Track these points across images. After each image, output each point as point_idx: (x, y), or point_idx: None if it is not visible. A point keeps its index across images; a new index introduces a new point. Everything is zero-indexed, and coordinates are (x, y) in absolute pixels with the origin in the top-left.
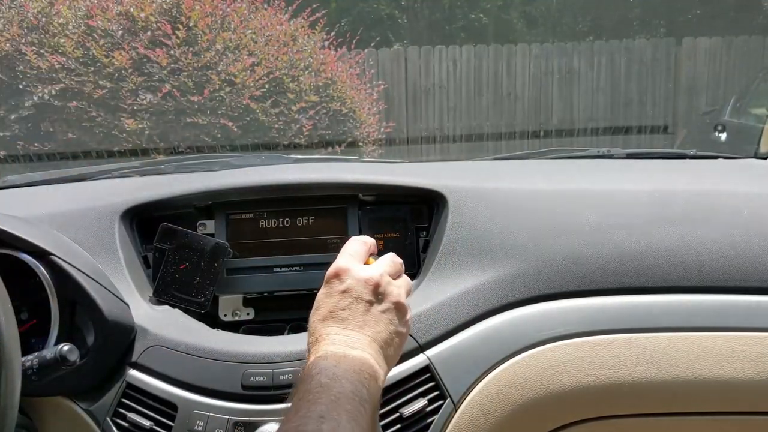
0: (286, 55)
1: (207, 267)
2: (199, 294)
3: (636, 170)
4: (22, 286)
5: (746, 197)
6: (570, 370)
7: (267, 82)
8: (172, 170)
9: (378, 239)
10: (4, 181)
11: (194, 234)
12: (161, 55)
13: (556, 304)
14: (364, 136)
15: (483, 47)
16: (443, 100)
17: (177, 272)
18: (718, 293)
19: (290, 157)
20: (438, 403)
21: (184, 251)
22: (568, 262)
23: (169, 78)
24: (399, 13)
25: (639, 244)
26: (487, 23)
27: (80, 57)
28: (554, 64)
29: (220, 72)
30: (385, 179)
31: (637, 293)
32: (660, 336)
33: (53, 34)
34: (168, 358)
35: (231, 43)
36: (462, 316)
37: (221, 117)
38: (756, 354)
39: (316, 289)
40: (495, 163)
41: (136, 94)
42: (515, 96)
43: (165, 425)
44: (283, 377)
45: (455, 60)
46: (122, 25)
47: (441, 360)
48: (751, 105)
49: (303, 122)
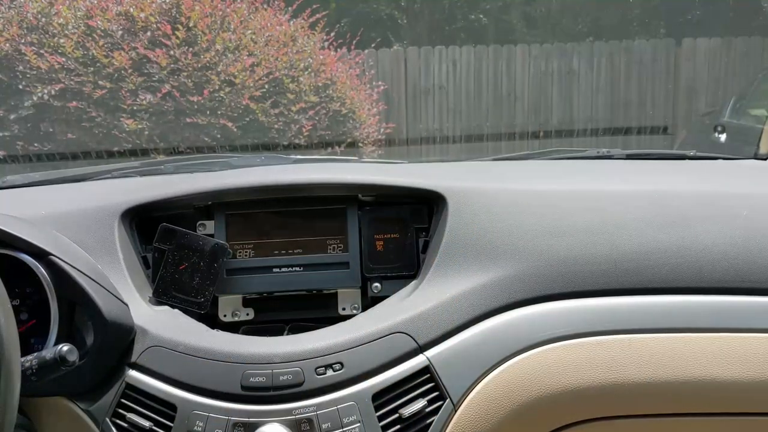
0: (285, 55)
1: (206, 267)
2: (199, 294)
3: (635, 171)
4: (22, 286)
5: (746, 198)
6: (569, 371)
7: (267, 82)
8: (171, 170)
9: (378, 240)
10: (4, 181)
11: (194, 234)
12: (161, 55)
13: (555, 304)
14: (363, 136)
15: (483, 48)
16: (443, 101)
17: (176, 273)
18: (718, 294)
19: (290, 158)
20: (438, 403)
21: (183, 252)
22: (567, 263)
23: (169, 78)
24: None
25: (638, 245)
26: (487, 24)
27: (80, 57)
28: (554, 64)
29: (220, 72)
30: (385, 180)
31: (637, 294)
32: (659, 337)
33: (53, 35)
34: (167, 359)
35: (231, 44)
36: (461, 316)
37: (221, 117)
38: (755, 355)
39: (315, 289)
40: (495, 164)
41: (136, 94)
42: (515, 96)
43: (164, 426)
44: (282, 378)
45: (455, 61)
46: (122, 25)
47: (440, 360)
48: (750, 106)
49: (303, 123)
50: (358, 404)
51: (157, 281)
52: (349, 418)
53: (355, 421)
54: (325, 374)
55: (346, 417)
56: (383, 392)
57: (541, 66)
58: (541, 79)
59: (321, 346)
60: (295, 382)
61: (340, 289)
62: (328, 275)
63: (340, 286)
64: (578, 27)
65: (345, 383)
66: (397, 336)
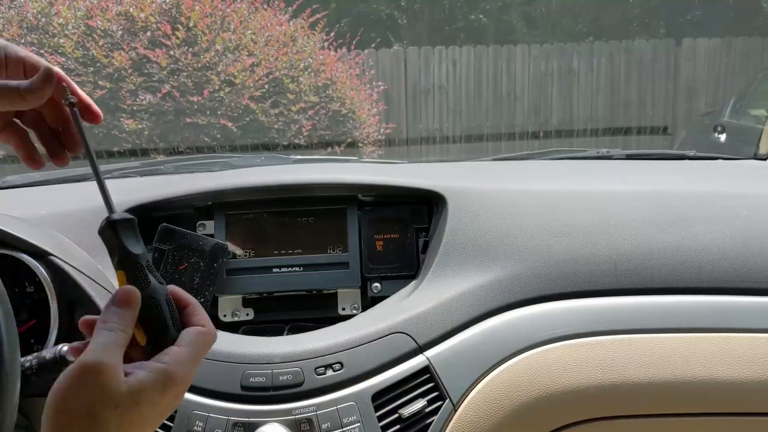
0: (285, 55)
1: (206, 267)
2: (199, 294)
3: (635, 171)
4: (22, 286)
5: (745, 198)
6: (569, 371)
7: (267, 82)
8: (171, 170)
9: (378, 240)
10: (4, 181)
11: (193, 234)
12: (161, 55)
13: (555, 305)
14: (363, 136)
15: (483, 48)
16: (443, 101)
17: (176, 273)
18: (718, 294)
19: (290, 158)
20: (437, 403)
21: (183, 252)
22: (567, 263)
23: (169, 78)
24: (399, 14)
25: (638, 245)
26: (487, 24)
27: (80, 57)
28: (554, 64)
29: (220, 72)
30: (385, 180)
31: (636, 294)
32: (659, 337)
33: (53, 35)
34: None
35: (231, 44)
36: (461, 316)
37: (221, 117)
38: (755, 355)
39: (315, 289)
40: (494, 164)
41: (136, 94)
42: (515, 97)
43: (164, 425)
44: (282, 378)
45: (455, 61)
46: (122, 25)
47: (440, 361)
48: (750, 106)
49: (302, 123)
50: (358, 404)
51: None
52: (349, 418)
53: (354, 421)
54: (325, 374)
55: (345, 417)
56: (383, 392)
57: (541, 66)
58: (541, 79)
59: (321, 346)
60: (294, 382)
61: (339, 289)
62: (328, 275)
63: (339, 286)
64: (578, 27)
65: (345, 383)
66: (396, 336)
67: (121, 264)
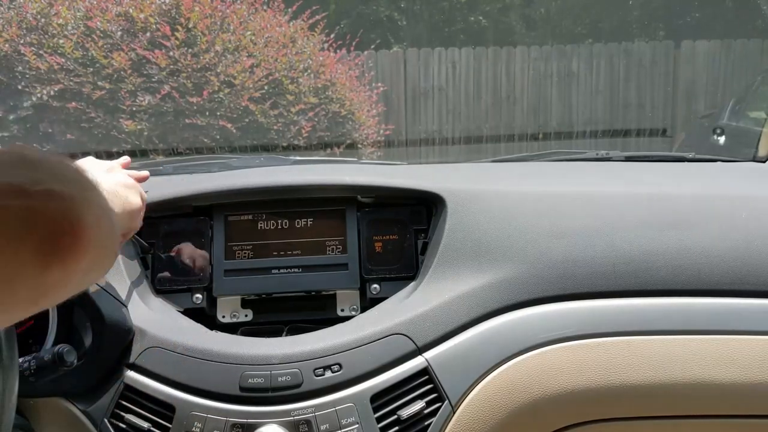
0: (285, 56)
1: (197, 244)
2: (199, 271)
3: (635, 173)
4: None
5: (745, 200)
6: (568, 373)
7: (266, 83)
8: (171, 171)
9: (376, 241)
10: None
11: (175, 219)
12: (160, 56)
13: (554, 306)
14: (363, 137)
15: (482, 50)
16: (442, 103)
17: (169, 259)
18: (717, 296)
19: (289, 159)
20: (436, 405)
21: (170, 238)
22: (566, 265)
23: (168, 79)
24: (398, 16)
25: (637, 247)
26: (487, 26)
27: (79, 58)
28: (553, 66)
29: (219, 73)
30: (384, 181)
31: (636, 296)
32: (658, 339)
33: (52, 35)
34: (166, 360)
35: (230, 45)
36: (460, 318)
37: (220, 118)
38: (754, 357)
39: (314, 290)
40: (494, 166)
41: (135, 95)
42: (514, 98)
43: (163, 427)
44: (281, 379)
45: (454, 62)
46: (121, 26)
47: (439, 362)
48: (749, 108)
49: (302, 124)
50: (357, 405)
51: (153, 272)
52: (348, 420)
53: (353, 422)
54: (324, 375)
55: (344, 418)
56: (382, 393)
57: (540, 68)
58: (540, 80)
59: (319, 348)
60: (293, 384)
61: (338, 291)
62: (327, 276)
63: (338, 288)
64: (577, 29)
65: (343, 384)
66: (395, 337)
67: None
